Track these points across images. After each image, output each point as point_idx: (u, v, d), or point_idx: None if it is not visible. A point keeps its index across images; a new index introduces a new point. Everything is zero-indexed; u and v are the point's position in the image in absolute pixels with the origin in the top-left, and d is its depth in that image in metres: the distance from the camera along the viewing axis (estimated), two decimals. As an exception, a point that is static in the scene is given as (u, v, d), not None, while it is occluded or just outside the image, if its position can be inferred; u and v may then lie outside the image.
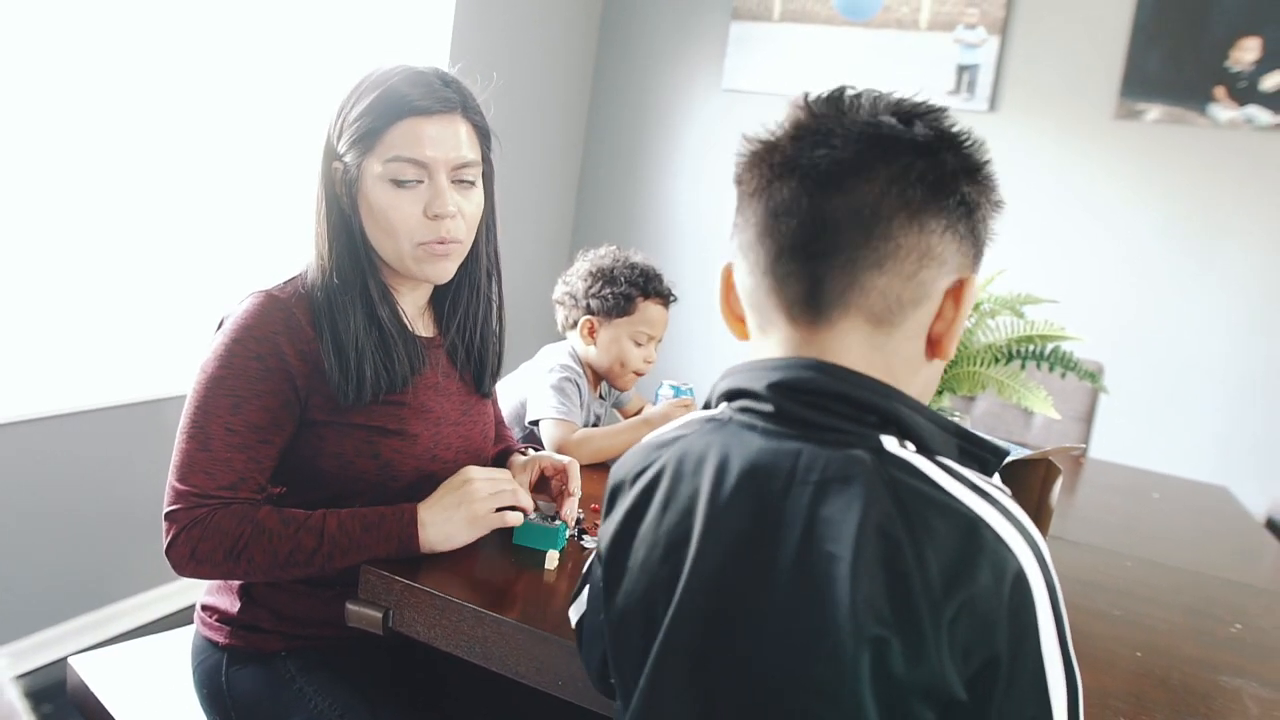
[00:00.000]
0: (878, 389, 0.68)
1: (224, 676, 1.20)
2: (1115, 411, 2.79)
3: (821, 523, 0.63)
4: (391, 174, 1.12)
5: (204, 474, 1.09)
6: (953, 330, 0.70)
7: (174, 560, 1.10)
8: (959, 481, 0.64)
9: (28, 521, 2.08)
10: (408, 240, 1.15)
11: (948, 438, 0.69)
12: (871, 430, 0.67)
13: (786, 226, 0.69)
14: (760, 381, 0.70)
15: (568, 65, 3.59)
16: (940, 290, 0.69)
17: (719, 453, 0.71)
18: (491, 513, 1.14)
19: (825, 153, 0.68)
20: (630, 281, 1.76)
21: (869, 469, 0.64)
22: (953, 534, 0.61)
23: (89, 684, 1.35)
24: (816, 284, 0.69)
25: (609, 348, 1.77)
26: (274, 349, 1.11)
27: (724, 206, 3.71)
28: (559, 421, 1.67)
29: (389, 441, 1.17)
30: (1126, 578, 1.41)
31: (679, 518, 0.72)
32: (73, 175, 2.05)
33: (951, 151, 0.69)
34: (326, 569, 1.10)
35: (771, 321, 0.73)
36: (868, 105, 0.70)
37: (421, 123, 1.12)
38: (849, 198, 0.67)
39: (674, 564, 0.71)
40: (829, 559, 0.62)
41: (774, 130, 0.73)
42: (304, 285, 1.16)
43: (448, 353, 1.29)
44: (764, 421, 0.70)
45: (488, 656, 1.03)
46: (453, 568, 1.12)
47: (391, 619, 1.08)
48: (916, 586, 0.60)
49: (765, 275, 0.72)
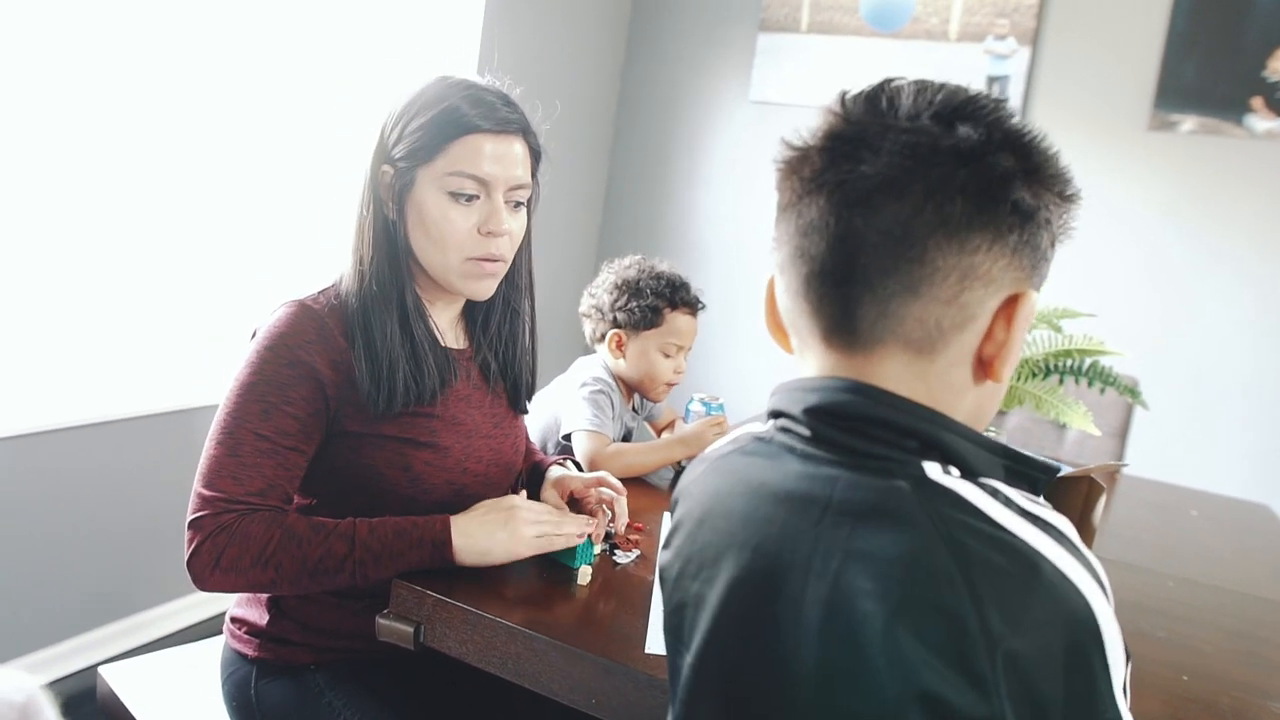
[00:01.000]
0: (919, 413, 0.63)
1: (253, 689, 1.20)
2: (1148, 426, 2.75)
3: (858, 558, 0.58)
4: (450, 187, 1.13)
5: (232, 479, 1.08)
6: (1005, 352, 0.64)
7: (196, 570, 1.07)
8: (1012, 511, 0.59)
9: (60, 529, 2.09)
10: (457, 254, 1.15)
11: (993, 459, 0.65)
12: (913, 456, 0.62)
13: (815, 248, 0.64)
14: (797, 404, 0.67)
15: (595, 76, 3.59)
16: (989, 310, 0.63)
17: (757, 474, 0.68)
18: (534, 539, 1.13)
19: (855, 167, 0.62)
20: (656, 292, 1.73)
21: (911, 500, 0.59)
22: (1010, 571, 0.55)
23: (119, 694, 1.35)
24: (848, 312, 0.64)
25: (638, 361, 1.75)
26: (305, 358, 1.11)
27: (751, 218, 3.71)
28: (592, 434, 1.66)
29: (420, 454, 1.17)
30: (1169, 598, 1.38)
31: (712, 536, 0.69)
32: (111, 187, 2.06)
33: (1005, 152, 0.62)
34: (358, 578, 1.09)
35: (808, 345, 0.69)
36: (909, 104, 0.63)
37: (485, 140, 1.13)
38: (878, 217, 0.61)
39: (703, 584, 0.69)
40: (866, 598, 0.57)
41: (808, 137, 0.67)
42: (337, 295, 1.16)
43: (479, 366, 1.28)
44: (802, 444, 0.66)
45: (521, 674, 1.01)
46: (485, 583, 1.11)
47: (423, 634, 1.07)
48: (974, 630, 0.54)
49: (797, 298, 0.67)
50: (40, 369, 2.01)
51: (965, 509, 0.58)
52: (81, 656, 2.18)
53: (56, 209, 1.98)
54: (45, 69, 1.89)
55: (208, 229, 2.30)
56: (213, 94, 2.23)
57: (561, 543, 1.15)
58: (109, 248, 2.10)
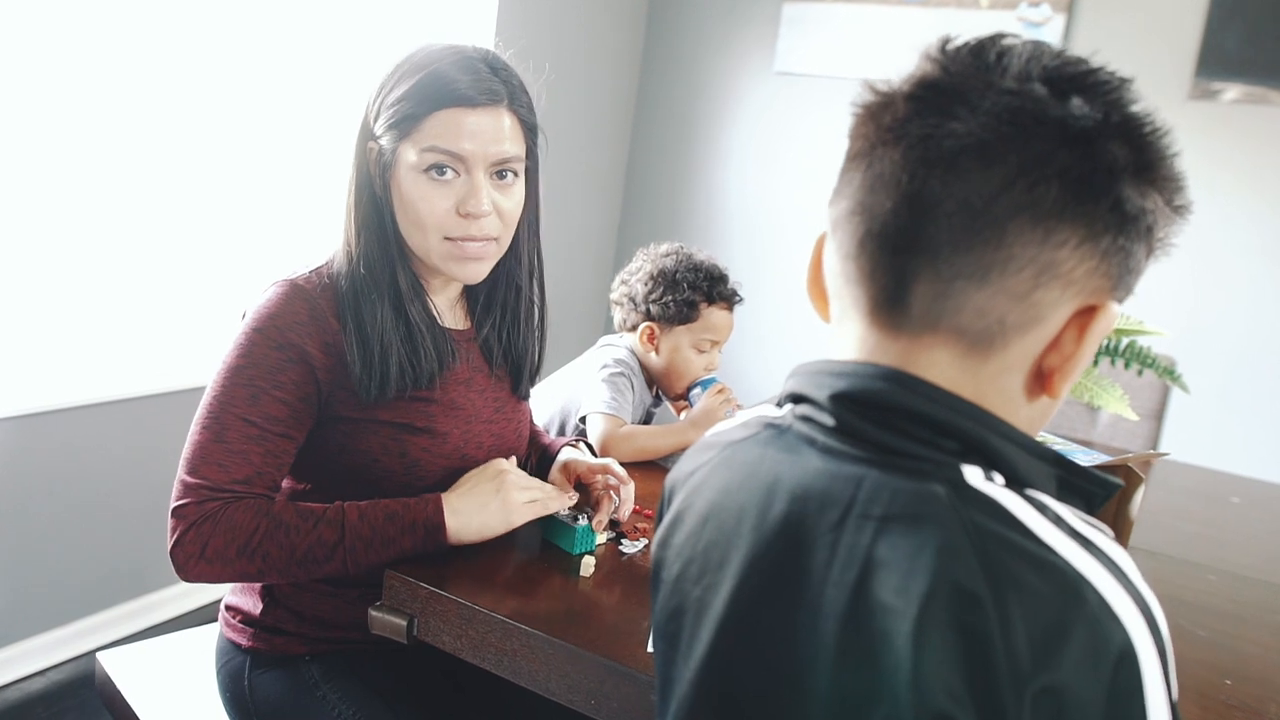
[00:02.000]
0: (964, 409, 0.55)
1: (247, 681, 1.16)
2: (1185, 408, 2.65)
3: (882, 567, 0.52)
4: (426, 163, 1.06)
5: (217, 466, 1.03)
6: (1069, 367, 0.56)
7: (180, 560, 1.03)
8: (1057, 527, 0.52)
9: (61, 512, 2.07)
10: (436, 234, 1.08)
11: (1045, 469, 0.57)
12: (951, 458, 0.55)
13: (880, 206, 0.56)
14: (823, 389, 0.59)
15: (614, 48, 3.51)
16: (1061, 316, 0.55)
17: (770, 468, 0.61)
18: (528, 503, 1.10)
19: (944, 123, 0.54)
20: (693, 286, 1.67)
21: (945, 507, 0.52)
22: (1048, 594, 0.49)
23: (115, 680, 1.32)
24: (902, 285, 0.56)
25: (670, 356, 1.70)
26: (296, 340, 1.05)
27: (776, 195, 3.61)
28: (607, 416, 1.60)
29: (416, 440, 1.11)
30: (1210, 592, 1.31)
31: (718, 536, 0.63)
32: (108, 168, 2.02)
33: (1119, 140, 0.53)
34: (349, 566, 1.04)
35: (848, 316, 0.61)
36: (1019, 64, 0.54)
37: (463, 114, 1.05)
38: (959, 184, 0.53)
39: (706, 589, 0.62)
40: (887, 613, 0.51)
41: (896, 82, 0.58)
42: (330, 274, 1.10)
43: (481, 348, 1.22)
44: (824, 436, 0.58)
45: (516, 671, 0.96)
46: (482, 574, 1.06)
47: (416, 627, 1.02)
48: (999, 656, 0.48)
49: (848, 260, 0.59)
50: (39, 350, 1.98)
51: (1006, 521, 0.51)
52: (82, 641, 2.16)
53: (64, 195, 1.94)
54: (41, 53, 1.84)
55: (212, 203, 2.26)
56: (209, 73, 2.18)
57: (555, 504, 1.12)
58: (112, 228, 2.06)
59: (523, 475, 1.13)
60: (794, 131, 3.41)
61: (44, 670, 2.07)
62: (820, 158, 3.34)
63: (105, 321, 2.09)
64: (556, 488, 1.16)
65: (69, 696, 2.00)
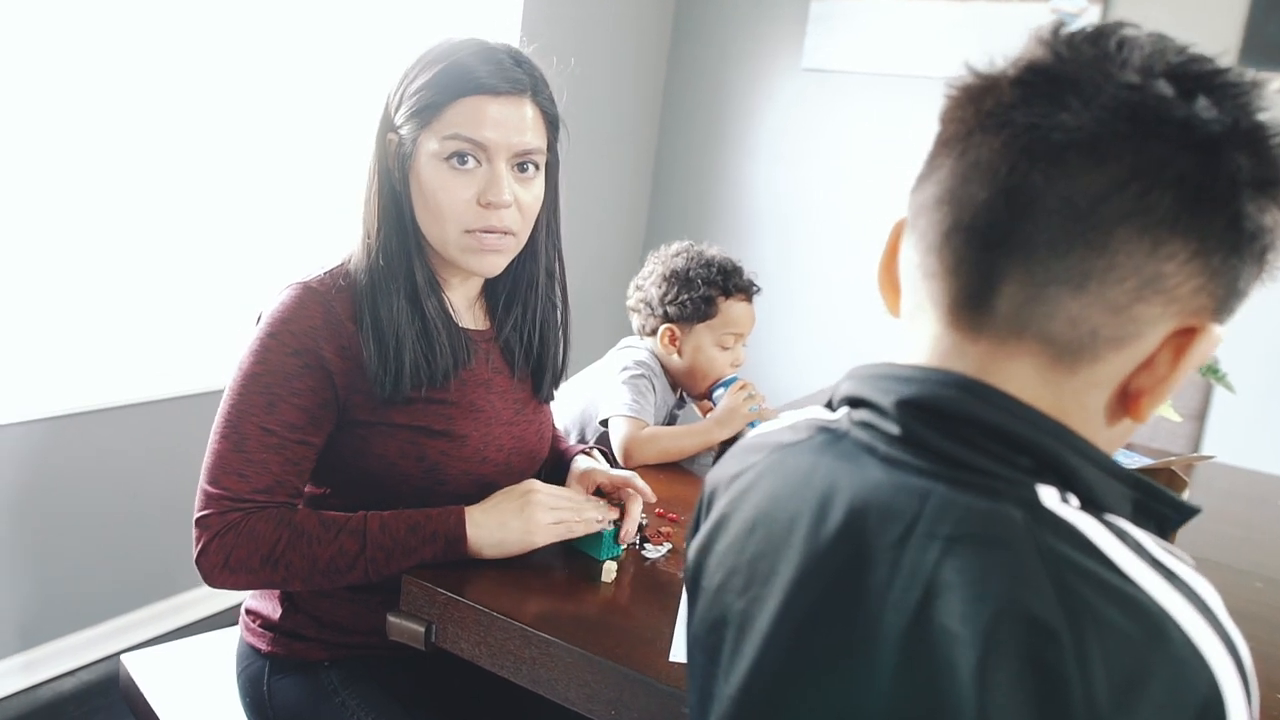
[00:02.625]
0: (1042, 424, 0.51)
1: (266, 686, 1.15)
2: (1229, 407, 2.57)
3: (947, 590, 0.48)
4: (448, 152, 1.04)
5: (237, 476, 1.02)
6: (1160, 391, 0.52)
7: (205, 569, 1.03)
8: (1139, 557, 0.48)
9: (90, 514, 2.08)
10: (455, 226, 1.06)
11: (1122, 491, 0.53)
12: (1025, 476, 0.50)
13: (973, 197, 0.52)
14: (888, 394, 0.55)
15: (640, 46, 3.48)
16: (1158, 335, 0.51)
17: (826, 476, 0.57)
18: (552, 525, 1.07)
19: (1054, 113, 0.49)
20: (708, 281, 1.64)
21: (1019, 530, 0.48)
22: (1130, 632, 0.45)
23: (138, 682, 1.31)
24: (988, 285, 0.52)
25: (694, 356, 1.67)
26: (311, 345, 1.04)
27: (807, 194, 3.56)
28: (629, 419, 1.57)
29: (435, 443, 1.09)
30: (1258, 601, 1.26)
31: (765, 546, 0.59)
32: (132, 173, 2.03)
33: (1245, 150, 0.49)
34: (370, 575, 1.03)
35: (923, 312, 0.57)
36: (1141, 56, 0.50)
37: (486, 102, 1.04)
38: (1065, 181, 0.49)
39: (751, 602, 0.58)
40: (951, 640, 0.47)
41: (1001, 65, 0.54)
42: (346, 275, 1.09)
43: (502, 349, 1.20)
44: (887, 445, 0.54)
45: (535, 680, 0.94)
46: (501, 580, 1.04)
47: (434, 634, 1.00)
48: (1075, 698, 0.43)
49: (929, 253, 0.55)
50: (66, 352, 1.99)
51: (1084, 549, 0.47)
52: (113, 641, 2.17)
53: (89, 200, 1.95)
54: (48, 55, 1.85)
55: (236, 205, 2.26)
56: (227, 76, 2.17)
57: (582, 529, 1.08)
58: (140, 232, 2.07)
59: (554, 495, 1.09)
60: (823, 129, 3.36)
61: (74, 670, 2.08)
62: (850, 155, 3.29)
63: (133, 324, 2.10)
64: (591, 505, 1.12)
65: (99, 696, 2.01)
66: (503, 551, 1.04)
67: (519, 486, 1.09)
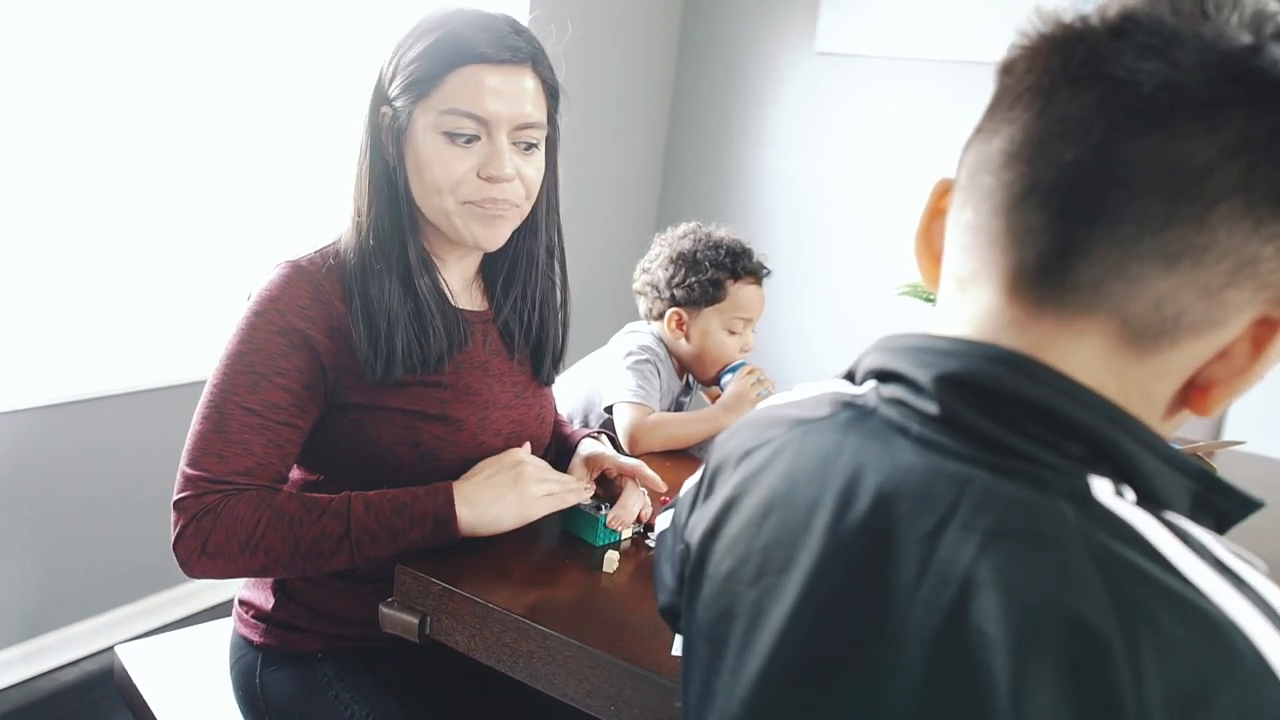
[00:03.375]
0: (1099, 407, 0.46)
1: (258, 678, 1.11)
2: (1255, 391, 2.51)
3: (984, 590, 0.42)
4: (446, 126, 0.99)
5: (216, 457, 0.98)
6: (1235, 384, 0.47)
7: (182, 555, 0.98)
8: (1203, 560, 0.42)
9: (90, 504, 2.05)
10: (453, 197, 1.02)
11: (1183, 483, 0.47)
12: (1077, 465, 0.45)
13: (1056, 157, 0.46)
14: (926, 369, 0.49)
15: (650, 28, 3.43)
16: (1240, 323, 0.46)
17: (852, 458, 0.51)
18: (545, 496, 1.03)
19: (1159, 68, 0.44)
20: (716, 264, 1.59)
21: (1070, 526, 0.43)
22: (1192, 645, 0.39)
23: (132, 674, 1.29)
24: (1064, 256, 0.46)
25: (702, 341, 1.62)
26: (299, 324, 1.00)
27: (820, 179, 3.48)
28: (634, 405, 1.53)
29: (430, 427, 1.05)
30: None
31: (782, 533, 0.53)
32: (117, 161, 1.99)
33: None
34: (356, 559, 0.99)
35: (976, 284, 0.51)
36: (1246, 14, 0.45)
37: (485, 72, 0.99)
38: (1169, 146, 0.43)
39: (765, 592, 0.53)
40: (987, 646, 0.41)
41: (1088, 16, 0.48)
42: (336, 254, 1.05)
43: (500, 330, 1.16)
44: (922, 426, 0.49)
45: (532, 674, 0.90)
46: (498, 570, 1.00)
47: (429, 625, 0.96)
48: (1128, 714, 0.38)
49: (996, 215, 0.49)
50: (62, 341, 1.95)
51: (1143, 550, 0.42)
52: (112, 633, 2.14)
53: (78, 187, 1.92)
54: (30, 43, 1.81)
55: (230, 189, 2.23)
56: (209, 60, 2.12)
57: (574, 498, 1.05)
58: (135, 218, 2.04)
59: (541, 466, 1.06)
60: (837, 114, 3.31)
61: (77, 660, 2.06)
62: (865, 141, 3.24)
63: (131, 311, 2.06)
64: (575, 479, 1.10)
65: (101, 687, 1.99)
66: (498, 528, 1.01)
67: (506, 457, 1.06)
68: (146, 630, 2.16)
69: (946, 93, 3.07)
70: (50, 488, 1.97)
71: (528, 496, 1.02)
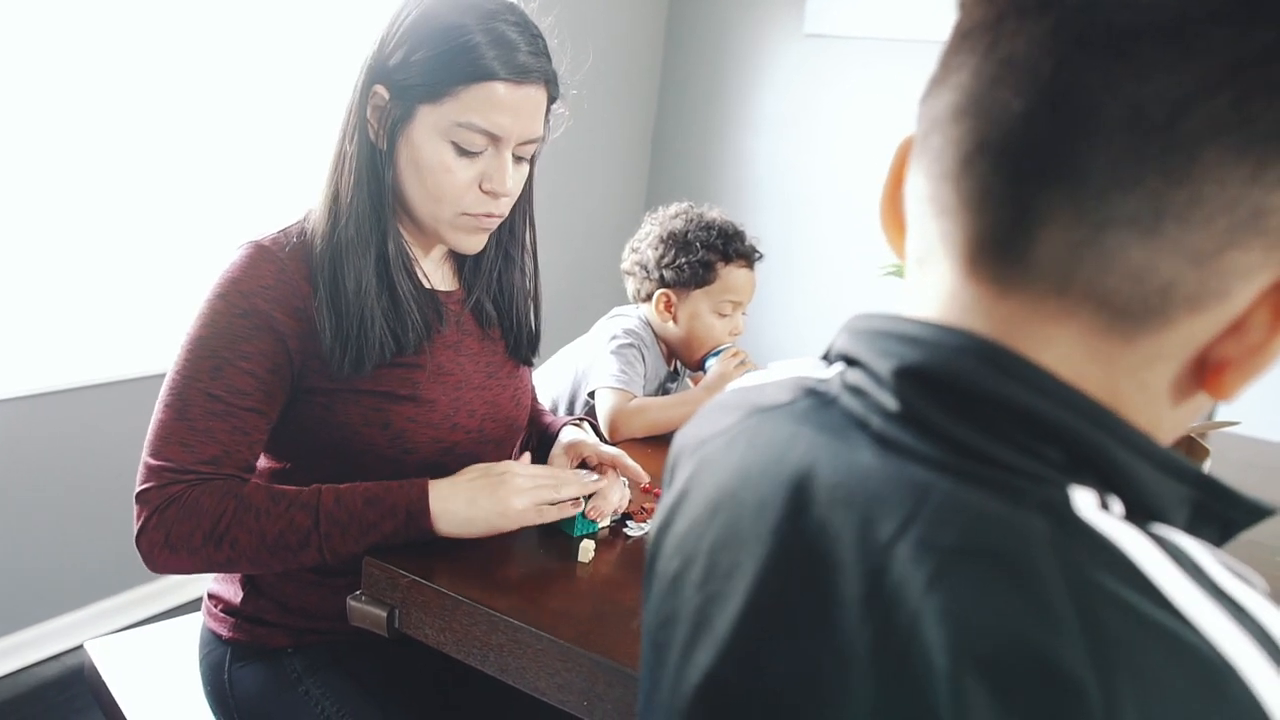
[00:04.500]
0: (1079, 404, 0.39)
1: (227, 674, 1.08)
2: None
3: (941, 621, 0.36)
4: (456, 137, 0.97)
5: (180, 446, 0.95)
6: (1253, 362, 0.39)
7: (145, 549, 0.95)
8: (1197, 584, 0.36)
9: (60, 498, 2.01)
10: (451, 207, 1.00)
11: (1180, 491, 0.40)
12: (1056, 472, 0.38)
13: (1005, 105, 0.38)
14: (886, 358, 0.43)
15: (637, 11, 3.38)
16: (1251, 290, 0.38)
17: (804, 454, 0.45)
18: (528, 509, 0.98)
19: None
20: (707, 245, 1.55)
21: (1043, 550, 0.36)
22: (1179, 689, 0.33)
23: (101, 670, 1.26)
24: (1023, 225, 0.39)
25: (690, 324, 1.58)
26: (262, 306, 0.97)
27: (809, 163, 3.44)
28: (615, 390, 1.50)
29: (400, 409, 1.02)
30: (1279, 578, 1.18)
31: (728, 535, 0.48)
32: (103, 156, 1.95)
33: None
34: (326, 554, 0.95)
35: (934, 258, 0.44)
36: None
37: (503, 89, 0.96)
38: (1136, 82, 0.35)
39: (709, 600, 0.48)
40: (936, 681, 0.35)
41: None
42: (301, 233, 1.01)
43: (472, 310, 1.13)
44: (883, 422, 0.42)
45: (504, 668, 0.87)
46: (470, 562, 0.96)
47: (398, 619, 0.93)
48: None
49: (944, 181, 0.42)
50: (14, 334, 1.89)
51: (1128, 575, 0.35)
52: (96, 625, 2.11)
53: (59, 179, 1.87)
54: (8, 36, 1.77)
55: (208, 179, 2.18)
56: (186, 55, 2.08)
57: (555, 514, 1.00)
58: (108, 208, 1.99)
59: (531, 478, 1.00)
60: (826, 96, 3.27)
61: (59, 654, 2.03)
62: (854, 123, 3.20)
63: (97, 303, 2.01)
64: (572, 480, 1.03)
65: (63, 690, 1.95)
66: (469, 531, 0.97)
67: (495, 466, 1.01)
68: (126, 625, 2.12)
69: (937, 74, 3.04)
70: (21, 482, 1.93)
71: (505, 508, 0.97)
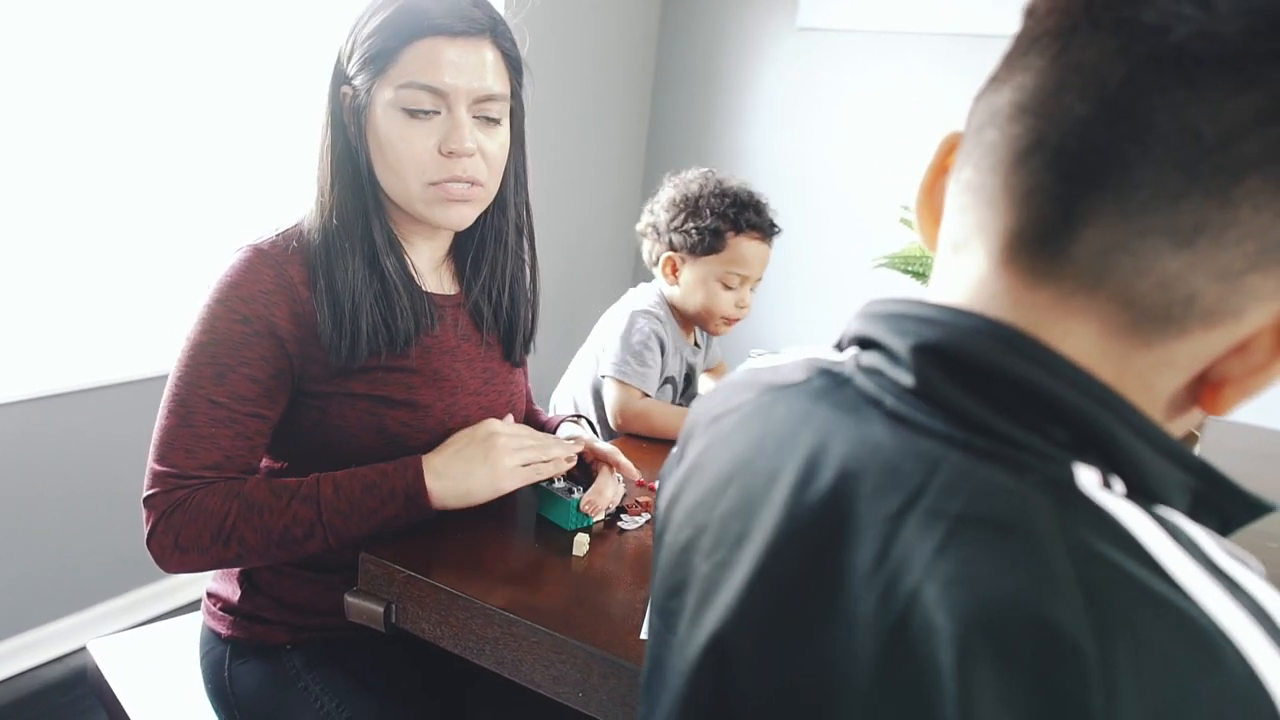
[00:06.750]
0: (1089, 387, 0.41)
1: (227, 672, 1.09)
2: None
3: (947, 585, 0.38)
4: (404, 102, 0.97)
5: (184, 452, 0.96)
6: (1250, 383, 0.43)
7: (156, 552, 0.97)
8: (1195, 561, 0.38)
9: (62, 500, 2.02)
10: (417, 179, 1.00)
11: (1181, 477, 0.43)
12: (1061, 450, 0.41)
13: (1067, 109, 0.41)
14: (904, 336, 0.45)
15: (630, 5, 3.38)
16: (1262, 315, 0.41)
17: (819, 428, 0.48)
18: (520, 468, 1.01)
19: (1193, 13, 0.38)
20: (718, 213, 1.50)
21: (1047, 520, 0.38)
22: (1175, 655, 0.35)
23: (104, 670, 1.26)
24: (1066, 223, 0.41)
25: (694, 290, 1.54)
26: (262, 311, 0.98)
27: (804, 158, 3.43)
28: (623, 385, 1.49)
29: (395, 413, 1.03)
30: (1272, 563, 1.19)
31: (740, 504, 0.50)
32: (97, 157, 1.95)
33: None
34: (331, 542, 0.97)
35: (969, 247, 0.46)
36: None
37: (442, 44, 0.97)
38: (1197, 105, 0.38)
39: (718, 566, 0.50)
40: (938, 641, 0.37)
41: None
42: (299, 235, 1.02)
43: (470, 314, 1.14)
44: (896, 399, 0.45)
45: (499, 661, 0.88)
46: (465, 556, 0.97)
47: (394, 614, 0.94)
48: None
49: (994, 173, 0.44)
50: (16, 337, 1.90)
51: (1127, 547, 0.38)
52: (99, 627, 2.12)
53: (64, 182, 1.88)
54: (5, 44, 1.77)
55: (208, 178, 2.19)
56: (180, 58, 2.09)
57: (550, 470, 1.03)
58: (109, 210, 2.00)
59: (516, 436, 1.03)
60: (820, 90, 3.27)
61: (62, 656, 2.04)
62: (848, 116, 3.20)
63: (99, 306, 2.02)
64: (556, 443, 1.06)
65: (66, 691, 1.96)
66: (469, 501, 0.99)
67: (480, 428, 1.03)
68: (129, 626, 2.13)
69: (931, 67, 3.04)
70: (24, 485, 1.94)
71: (500, 469, 1.00)
